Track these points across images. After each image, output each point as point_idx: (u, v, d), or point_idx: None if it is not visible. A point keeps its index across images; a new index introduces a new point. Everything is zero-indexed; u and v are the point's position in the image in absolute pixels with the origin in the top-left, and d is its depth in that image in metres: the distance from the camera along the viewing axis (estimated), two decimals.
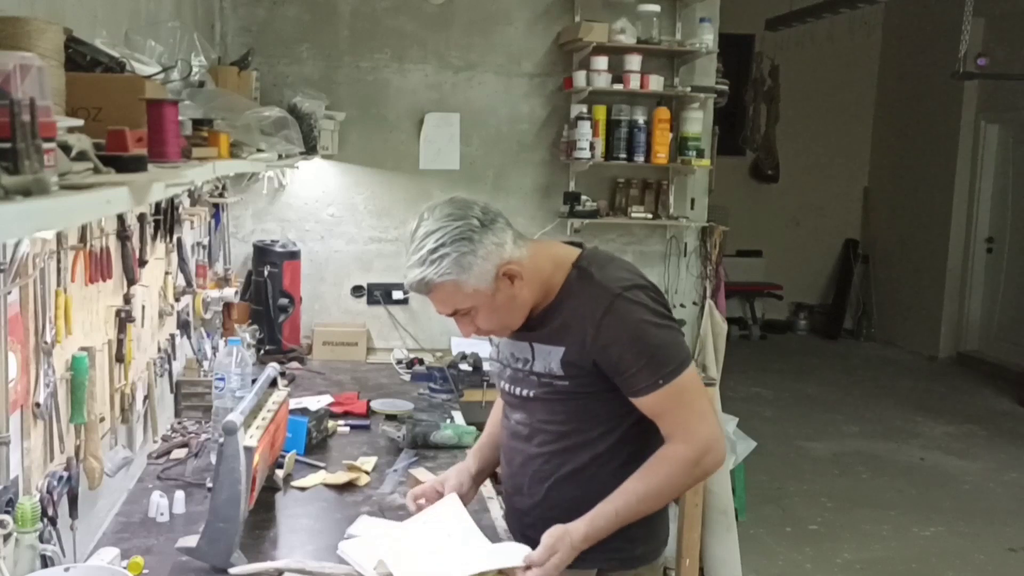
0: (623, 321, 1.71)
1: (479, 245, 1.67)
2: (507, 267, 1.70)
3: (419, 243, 1.67)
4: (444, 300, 1.73)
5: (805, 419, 6.50)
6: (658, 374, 1.70)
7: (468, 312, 1.75)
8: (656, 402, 1.73)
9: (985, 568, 4.27)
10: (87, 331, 1.84)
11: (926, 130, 8.58)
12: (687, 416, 1.73)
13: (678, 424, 1.73)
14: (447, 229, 1.66)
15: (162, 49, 2.01)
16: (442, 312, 1.78)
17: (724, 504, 3.79)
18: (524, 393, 1.85)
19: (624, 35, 3.71)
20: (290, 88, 3.58)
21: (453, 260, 1.65)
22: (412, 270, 1.68)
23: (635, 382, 1.72)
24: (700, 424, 1.74)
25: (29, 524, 1.41)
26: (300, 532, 1.97)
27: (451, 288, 1.69)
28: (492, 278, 1.69)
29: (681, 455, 1.73)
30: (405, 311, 3.93)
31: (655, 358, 1.70)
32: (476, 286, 1.69)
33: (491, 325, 1.79)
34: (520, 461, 1.90)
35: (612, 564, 1.86)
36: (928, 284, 8.53)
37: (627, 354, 1.70)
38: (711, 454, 1.74)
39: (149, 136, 1.36)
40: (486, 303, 1.72)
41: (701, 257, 4.07)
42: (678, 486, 1.80)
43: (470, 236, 1.67)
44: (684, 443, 1.73)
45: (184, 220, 2.72)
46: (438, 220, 1.67)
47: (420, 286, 1.70)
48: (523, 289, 1.74)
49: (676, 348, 1.74)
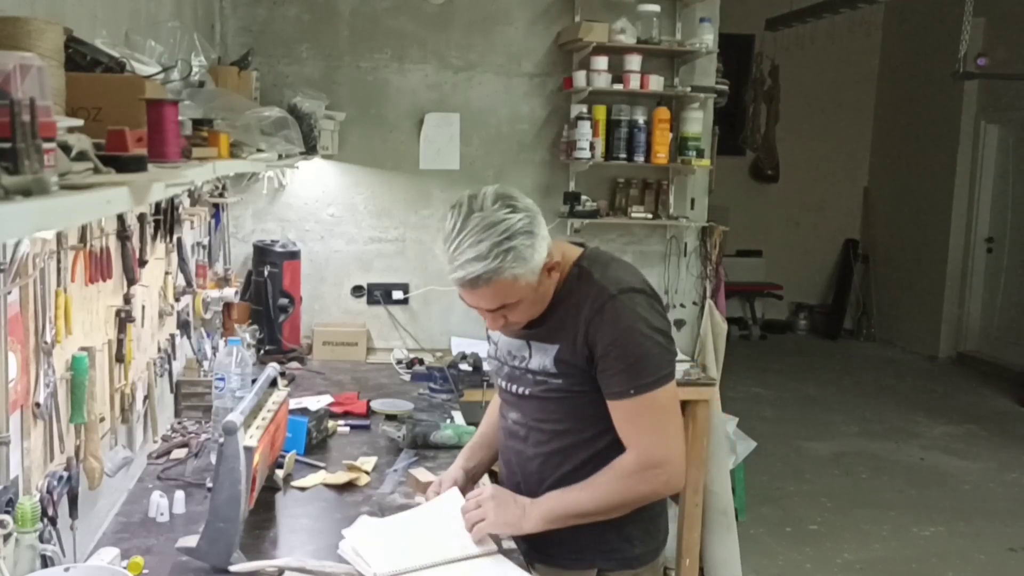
0: (612, 322, 1.70)
1: (538, 238, 1.65)
2: (552, 260, 1.70)
3: (476, 236, 1.60)
4: (496, 295, 1.67)
5: (805, 419, 6.50)
6: (631, 384, 1.69)
7: (510, 305, 1.71)
8: (623, 410, 1.72)
9: (985, 568, 4.27)
10: (87, 331, 1.84)
11: (926, 130, 8.58)
12: (645, 431, 1.71)
13: (634, 435, 1.72)
14: (509, 223, 1.61)
15: (162, 49, 2.01)
16: (482, 307, 1.72)
17: (724, 504, 3.79)
18: (520, 391, 1.85)
19: (624, 35, 3.71)
20: (290, 88, 3.57)
21: (518, 254, 1.62)
22: (469, 265, 1.61)
23: (609, 384, 1.72)
24: (659, 442, 1.71)
25: (29, 524, 1.41)
26: (300, 532, 1.97)
27: (508, 283, 1.64)
28: (540, 270, 1.68)
29: (627, 465, 1.72)
30: (405, 311, 3.93)
31: (633, 367, 1.69)
32: (529, 279, 1.66)
33: (524, 317, 1.76)
34: (517, 462, 1.90)
35: (611, 564, 1.86)
36: (928, 284, 8.53)
37: (609, 355, 1.70)
38: (660, 471, 1.72)
39: (149, 136, 1.36)
40: (529, 296, 1.70)
41: (701, 257, 4.06)
42: (621, 493, 1.74)
43: (531, 229, 1.64)
44: (633, 455, 1.72)
45: (184, 220, 2.72)
46: (495, 213, 1.62)
47: (474, 281, 1.63)
48: (555, 280, 1.74)
49: (657, 362, 1.71)
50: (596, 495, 1.74)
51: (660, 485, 1.75)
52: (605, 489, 1.74)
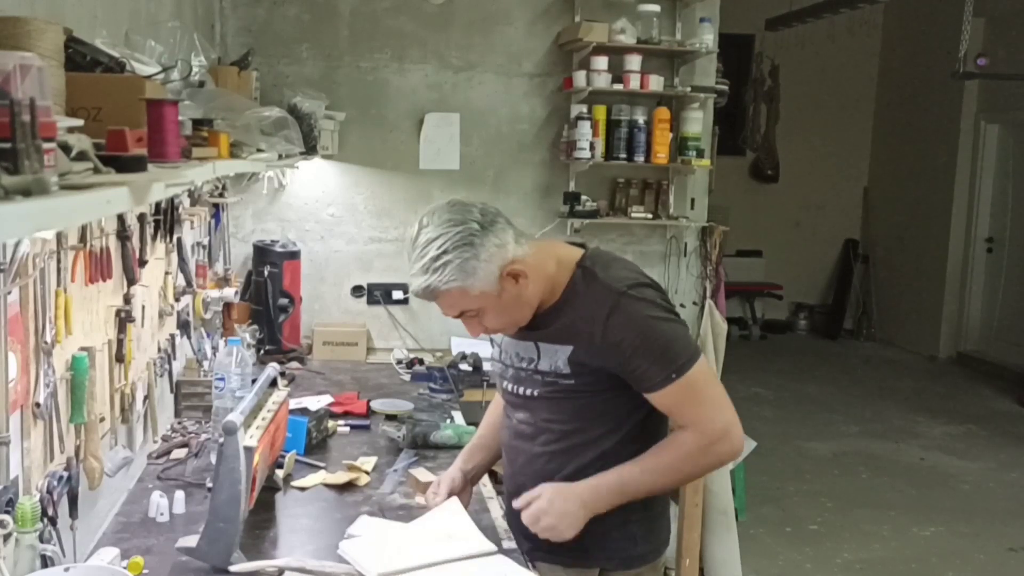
0: (630, 319, 1.72)
1: (481, 249, 1.67)
2: (511, 267, 1.71)
3: (421, 251, 1.67)
4: (451, 304, 1.74)
5: (805, 419, 6.50)
6: (670, 368, 1.71)
7: (476, 314, 1.75)
8: (670, 396, 1.74)
9: (985, 568, 4.26)
10: (87, 331, 1.84)
11: (926, 130, 8.57)
12: (701, 407, 1.75)
13: (693, 416, 1.75)
14: (449, 235, 1.66)
15: (162, 49, 2.01)
16: (449, 315, 1.78)
17: (724, 504, 3.79)
18: (528, 392, 1.85)
19: (624, 35, 3.71)
20: (290, 88, 3.57)
21: (456, 267, 1.66)
22: (416, 278, 1.69)
23: (647, 378, 1.73)
24: (716, 413, 1.75)
25: (29, 524, 1.41)
26: (300, 532, 1.97)
27: (457, 294, 1.70)
28: (496, 279, 1.70)
29: (691, 441, 1.74)
30: (405, 311, 3.93)
31: (665, 353, 1.71)
32: (482, 289, 1.69)
33: (498, 324, 1.80)
34: (523, 461, 1.90)
35: (614, 563, 1.86)
36: (928, 284, 8.52)
37: (637, 351, 1.71)
38: (724, 441, 1.75)
39: (149, 136, 1.36)
40: (492, 304, 1.73)
41: (701, 257, 4.06)
42: (685, 471, 1.80)
43: (471, 241, 1.67)
44: (697, 432, 1.74)
45: (184, 220, 2.72)
46: (438, 226, 1.67)
47: (426, 293, 1.70)
48: (528, 286, 1.75)
49: (685, 342, 1.76)
50: (661, 478, 1.77)
51: (726, 455, 1.79)
52: (671, 469, 1.77)
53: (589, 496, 1.75)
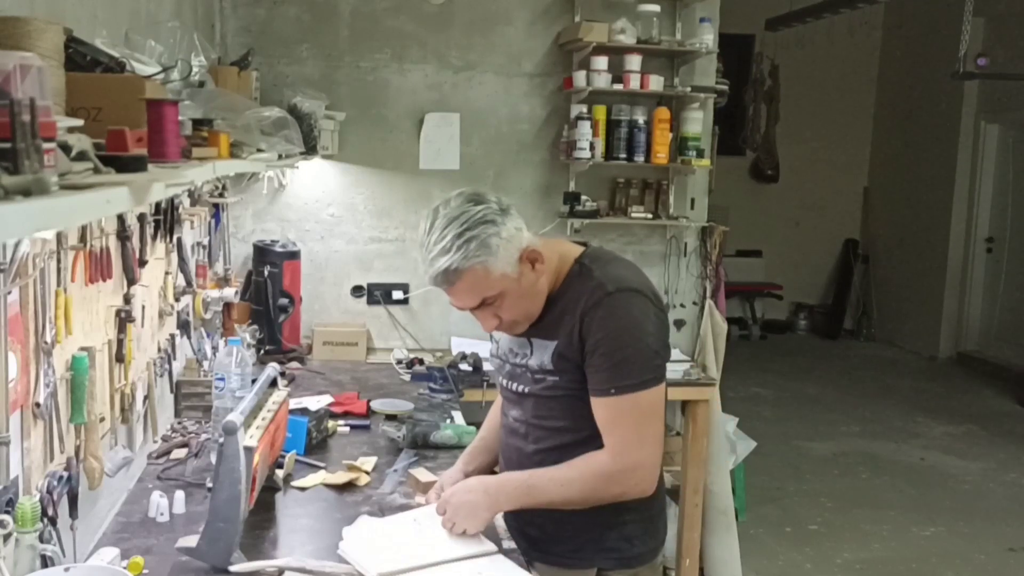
0: (605, 319, 1.71)
1: (502, 227, 1.67)
2: (529, 251, 1.71)
3: (440, 233, 1.64)
4: (470, 288, 1.69)
5: (805, 419, 6.50)
6: (614, 382, 1.70)
7: (494, 301, 1.72)
8: (602, 409, 1.73)
9: (985, 568, 4.27)
10: (87, 331, 1.84)
11: (926, 130, 8.58)
12: (624, 433, 1.71)
13: (614, 438, 1.72)
14: (470, 214, 1.65)
15: (162, 49, 2.01)
16: (465, 305, 1.74)
17: (724, 504, 3.79)
18: (520, 389, 1.86)
19: (624, 35, 3.70)
20: (290, 88, 3.57)
21: (480, 243, 1.64)
22: (437, 260, 1.65)
23: (594, 380, 1.73)
24: (636, 447, 1.72)
25: (29, 524, 1.41)
26: (300, 532, 1.97)
27: (480, 273, 1.66)
28: (516, 261, 1.69)
29: (601, 463, 1.72)
30: (405, 311, 3.93)
31: (619, 366, 1.70)
32: (503, 270, 1.67)
33: (515, 313, 1.76)
34: (517, 459, 1.90)
35: (610, 563, 1.86)
36: (928, 284, 8.53)
37: (599, 349, 1.70)
38: (631, 476, 1.72)
39: (149, 136, 1.36)
40: (512, 288, 1.71)
41: (701, 257, 4.06)
42: (587, 490, 1.75)
43: (493, 219, 1.67)
44: (610, 455, 1.72)
45: (184, 220, 2.72)
46: (458, 207, 1.67)
47: (447, 276, 1.66)
48: (542, 276, 1.75)
49: (645, 365, 1.72)
50: (564, 490, 1.75)
51: (630, 487, 1.75)
52: (575, 486, 1.74)
53: (495, 487, 1.76)
